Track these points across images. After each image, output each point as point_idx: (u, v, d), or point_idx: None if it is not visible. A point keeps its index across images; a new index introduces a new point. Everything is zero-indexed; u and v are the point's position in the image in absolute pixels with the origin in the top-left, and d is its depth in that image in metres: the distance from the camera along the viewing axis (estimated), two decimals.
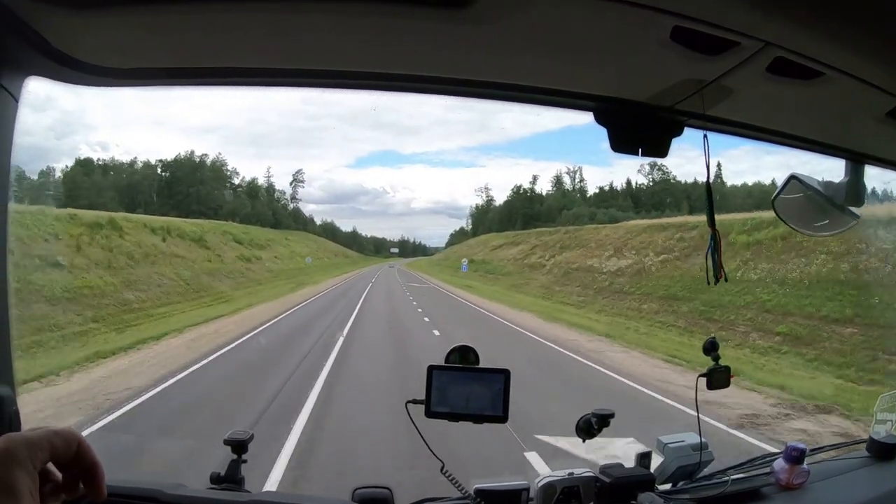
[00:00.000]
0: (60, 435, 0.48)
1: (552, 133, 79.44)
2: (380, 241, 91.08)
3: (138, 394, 6.98)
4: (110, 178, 39.17)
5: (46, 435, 0.48)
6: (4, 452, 0.45)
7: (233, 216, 40.79)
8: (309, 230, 59.76)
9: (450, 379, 1.04)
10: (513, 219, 54.21)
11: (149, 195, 41.66)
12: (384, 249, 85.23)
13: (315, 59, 0.85)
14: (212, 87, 0.99)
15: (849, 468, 1.40)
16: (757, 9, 0.65)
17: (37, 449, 0.46)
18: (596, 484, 1.16)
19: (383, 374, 8.15)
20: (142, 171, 43.21)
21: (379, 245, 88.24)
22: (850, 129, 1.07)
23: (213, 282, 22.85)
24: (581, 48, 0.78)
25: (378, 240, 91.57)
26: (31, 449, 0.46)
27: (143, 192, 41.31)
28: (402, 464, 4.08)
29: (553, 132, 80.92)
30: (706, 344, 1.27)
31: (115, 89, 0.93)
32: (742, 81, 0.83)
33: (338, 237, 73.54)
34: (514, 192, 59.88)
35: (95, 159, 39.02)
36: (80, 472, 0.50)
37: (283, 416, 5.80)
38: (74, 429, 0.51)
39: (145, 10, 0.70)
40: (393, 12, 0.70)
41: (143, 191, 41.43)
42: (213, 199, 45.65)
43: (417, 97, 0.92)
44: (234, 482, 1.12)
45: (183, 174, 45.06)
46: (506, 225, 52.71)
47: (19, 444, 0.46)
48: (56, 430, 0.49)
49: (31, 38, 0.74)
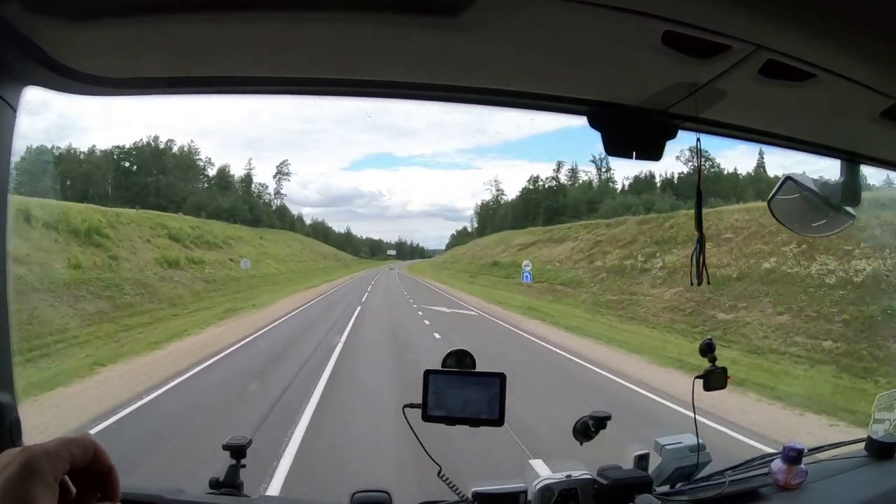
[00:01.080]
0: (78, 443, 0.48)
1: (548, 134, 79.29)
2: (376, 242, 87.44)
3: None
4: (62, 168, 32.55)
5: (65, 444, 0.47)
6: (26, 467, 0.44)
7: (199, 211, 34.57)
8: (297, 230, 53.94)
9: (446, 383, 1.04)
10: (530, 214, 46.75)
11: (103, 186, 36.39)
12: (381, 252, 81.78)
13: (310, 68, 0.85)
14: (208, 95, 1.00)
15: (847, 468, 1.40)
16: (748, 12, 0.65)
17: (57, 460, 0.46)
18: (594, 486, 1.16)
19: None
20: (97, 159, 37.39)
21: (375, 247, 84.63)
22: (845, 130, 1.07)
23: (55, 303, 12.47)
24: (573, 53, 0.78)
25: (374, 242, 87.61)
26: (52, 461, 0.45)
27: (97, 182, 36.26)
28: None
29: (549, 133, 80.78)
30: (702, 345, 1.27)
31: (112, 98, 0.93)
32: (734, 84, 0.83)
33: (330, 238, 68.71)
34: (532, 183, 51.94)
35: (50, 147, 31.29)
36: (95, 477, 0.50)
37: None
38: (90, 435, 0.50)
39: (142, 20, 0.70)
40: (385, 20, 0.70)
41: (96, 181, 36.20)
42: (177, 190, 39.53)
43: (412, 102, 0.93)
44: (232, 487, 1.13)
45: (142, 163, 39.79)
46: (522, 221, 45.90)
47: (40, 456, 0.45)
48: (73, 439, 0.48)
49: (29, 48, 0.75)
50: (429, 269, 51.35)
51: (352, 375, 8.09)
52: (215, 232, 28.93)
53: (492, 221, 57.44)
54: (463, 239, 66.19)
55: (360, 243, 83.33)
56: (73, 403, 6.76)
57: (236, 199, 43.98)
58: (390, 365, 8.97)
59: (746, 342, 11.96)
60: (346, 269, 50.35)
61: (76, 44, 0.76)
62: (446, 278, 37.96)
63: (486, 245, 43.88)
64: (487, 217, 60.39)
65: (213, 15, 0.70)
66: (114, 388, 7.48)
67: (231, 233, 31.76)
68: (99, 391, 7.41)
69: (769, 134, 1.08)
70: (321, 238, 63.30)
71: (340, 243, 71.86)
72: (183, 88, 0.94)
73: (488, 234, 51.25)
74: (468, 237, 65.59)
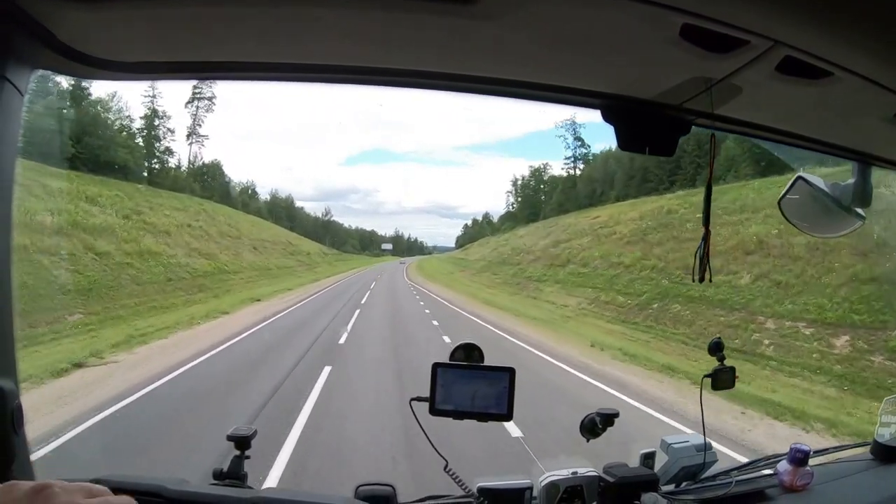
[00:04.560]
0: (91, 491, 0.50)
1: (544, 133, 78.64)
2: (368, 234, 72.20)
3: None
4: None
5: (81, 488, 0.50)
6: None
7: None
8: (233, 204, 36.47)
9: (455, 377, 1.04)
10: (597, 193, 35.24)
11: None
12: (374, 245, 68.50)
13: (323, 55, 0.85)
14: (217, 80, 0.99)
15: (853, 470, 1.39)
16: (767, 8, 0.65)
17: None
18: (599, 483, 1.16)
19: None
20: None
21: (367, 239, 69.57)
22: (858, 130, 1.07)
23: None
24: (589, 45, 0.78)
25: (366, 233, 71.81)
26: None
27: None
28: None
29: (545, 132, 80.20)
30: (711, 344, 1.27)
31: (119, 83, 0.93)
32: (751, 80, 0.83)
33: (297, 223, 50.30)
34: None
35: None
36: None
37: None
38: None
39: (151, 3, 0.70)
40: (401, 7, 0.69)
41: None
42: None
43: (412, 93, 0.92)
44: (236, 478, 1.12)
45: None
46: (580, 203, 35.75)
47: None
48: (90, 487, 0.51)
49: (37, 31, 0.74)
50: (450, 273, 36.45)
51: None
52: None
53: (528, 207, 48.17)
54: (479, 232, 54.69)
55: (345, 233, 65.80)
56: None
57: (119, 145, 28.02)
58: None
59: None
60: (290, 279, 28.53)
61: (85, 27, 0.76)
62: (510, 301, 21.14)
63: (539, 235, 31.47)
64: (532, 200, 49.09)
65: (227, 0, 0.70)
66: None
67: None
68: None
69: (783, 132, 1.07)
70: (286, 221, 46.50)
71: (315, 231, 54.08)
72: (191, 73, 0.94)
73: (533, 221, 40.44)
74: (481, 230, 54.48)
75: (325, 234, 55.48)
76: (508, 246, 35.29)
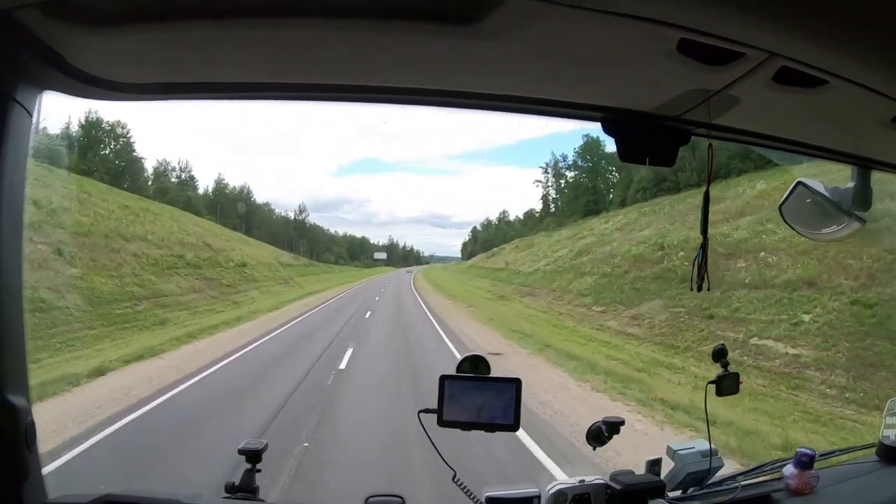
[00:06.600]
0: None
1: (537, 140, 78.33)
2: (358, 241, 61.16)
3: None
4: None
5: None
6: None
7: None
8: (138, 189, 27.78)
9: (462, 388, 1.05)
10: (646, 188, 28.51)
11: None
12: (365, 254, 58.65)
13: (328, 75, 0.86)
14: (223, 101, 1.01)
15: (859, 473, 1.39)
16: (762, 20, 0.66)
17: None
18: (607, 491, 1.16)
19: None
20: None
21: (357, 247, 58.87)
22: (856, 136, 1.08)
23: None
24: (590, 61, 0.79)
25: (356, 240, 60.89)
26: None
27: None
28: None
29: (538, 139, 79.97)
30: (715, 351, 1.28)
31: (125, 104, 0.95)
32: (748, 91, 0.84)
33: (256, 223, 37.27)
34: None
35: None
36: None
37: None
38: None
39: (157, 26, 0.71)
40: (404, 28, 0.71)
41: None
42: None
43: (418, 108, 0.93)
44: (248, 491, 1.13)
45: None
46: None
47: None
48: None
49: (46, 53, 0.76)
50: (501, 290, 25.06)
51: None
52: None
53: (553, 207, 40.38)
54: (499, 238, 44.93)
55: (328, 239, 52.12)
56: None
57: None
58: None
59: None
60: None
61: (93, 49, 0.77)
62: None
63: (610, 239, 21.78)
64: (568, 199, 39.41)
65: (229, 22, 0.71)
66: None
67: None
68: None
69: (781, 140, 1.09)
70: (236, 220, 33.86)
71: (285, 235, 40.81)
72: (200, 94, 0.95)
73: (562, 225, 33.36)
74: (494, 233, 46.40)
75: (298, 238, 43.51)
76: (573, 249, 24.24)
